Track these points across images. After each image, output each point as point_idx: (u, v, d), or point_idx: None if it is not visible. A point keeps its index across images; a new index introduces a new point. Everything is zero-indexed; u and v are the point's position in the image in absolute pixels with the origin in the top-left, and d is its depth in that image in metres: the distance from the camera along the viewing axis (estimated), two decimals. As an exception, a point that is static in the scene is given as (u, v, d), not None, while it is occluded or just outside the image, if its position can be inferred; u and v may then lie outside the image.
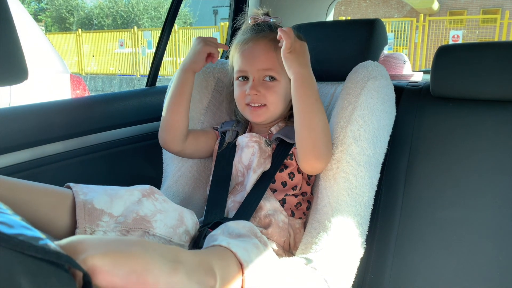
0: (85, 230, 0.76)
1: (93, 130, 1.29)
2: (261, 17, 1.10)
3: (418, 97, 1.22)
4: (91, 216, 0.77)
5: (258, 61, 1.03)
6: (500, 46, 1.12)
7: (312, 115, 0.94)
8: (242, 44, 1.06)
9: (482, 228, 1.03)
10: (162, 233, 0.84)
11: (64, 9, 16.83)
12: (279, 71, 1.03)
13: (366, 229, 0.99)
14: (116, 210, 0.80)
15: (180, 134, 1.11)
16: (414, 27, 10.00)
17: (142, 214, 0.82)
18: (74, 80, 2.82)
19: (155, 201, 0.86)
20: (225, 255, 0.64)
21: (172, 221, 0.87)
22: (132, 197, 0.83)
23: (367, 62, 1.06)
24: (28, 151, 1.12)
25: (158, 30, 10.33)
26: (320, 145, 0.94)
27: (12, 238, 0.32)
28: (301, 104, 0.95)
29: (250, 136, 1.09)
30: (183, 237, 0.90)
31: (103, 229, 0.77)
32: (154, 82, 1.59)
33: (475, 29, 11.26)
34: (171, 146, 1.12)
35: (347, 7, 14.13)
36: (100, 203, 0.78)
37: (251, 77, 1.04)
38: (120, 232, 0.79)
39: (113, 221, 0.79)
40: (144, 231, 0.82)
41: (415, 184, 1.13)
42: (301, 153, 0.97)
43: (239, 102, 1.09)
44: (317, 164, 0.96)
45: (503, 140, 1.07)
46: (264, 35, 1.05)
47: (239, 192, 1.06)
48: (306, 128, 0.94)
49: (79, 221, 0.76)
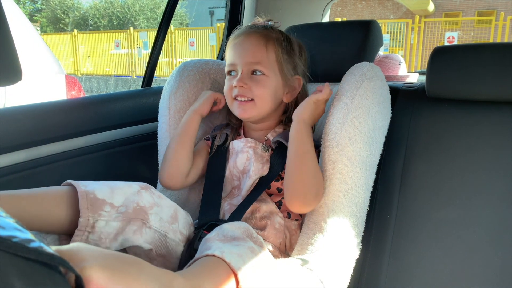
0: (88, 219, 0.77)
1: (89, 131, 1.28)
2: (261, 22, 1.12)
3: (414, 98, 1.23)
4: (93, 205, 0.78)
5: (247, 54, 1.03)
6: (495, 47, 1.12)
7: (304, 160, 0.94)
8: (234, 38, 1.07)
9: (478, 228, 1.04)
10: (157, 227, 0.85)
11: (59, 10, 16.77)
12: (268, 66, 1.03)
13: (362, 230, 0.99)
14: (117, 200, 0.81)
15: (183, 173, 1.08)
16: (410, 29, 10.04)
17: (142, 204, 0.83)
18: (69, 81, 2.80)
19: (152, 195, 0.87)
20: (218, 270, 0.64)
21: (167, 216, 0.88)
22: (131, 189, 0.84)
23: (362, 63, 1.07)
24: (23, 152, 1.12)
25: (154, 31, 10.32)
26: (308, 190, 0.93)
27: (5, 240, 0.32)
28: (296, 148, 0.96)
29: (245, 141, 1.09)
30: (178, 235, 0.90)
31: (105, 219, 0.78)
32: (150, 83, 1.58)
33: (470, 30, 11.31)
34: (173, 184, 1.09)
35: (343, 8, 14.16)
36: (101, 194, 0.80)
37: (239, 70, 1.04)
38: (122, 221, 0.80)
39: (114, 211, 0.80)
40: (142, 222, 0.83)
41: (411, 185, 1.13)
42: (288, 196, 0.95)
43: (227, 96, 1.08)
44: (303, 209, 0.96)
45: (498, 140, 1.08)
46: (256, 30, 1.06)
47: (236, 196, 1.06)
48: (298, 172, 0.94)
49: (82, 210, 0.77)
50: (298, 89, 1.10)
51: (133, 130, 1.42)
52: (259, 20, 1.13)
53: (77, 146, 1.25)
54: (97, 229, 0.78)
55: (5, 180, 1.05)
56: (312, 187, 0.93)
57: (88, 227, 0.78)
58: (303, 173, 0.93)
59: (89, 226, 0.78)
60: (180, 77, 1.24)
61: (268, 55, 1.03)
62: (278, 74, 1.04)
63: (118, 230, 0.80)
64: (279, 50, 1.04)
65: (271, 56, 1.03)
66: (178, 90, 1.22)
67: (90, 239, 0.78)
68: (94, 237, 0.78)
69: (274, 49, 1.04)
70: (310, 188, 0.92)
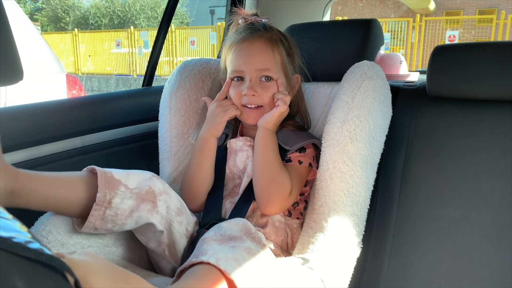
0: (106, 195, 0.83)
1: (89, 130, 1.28)
2: (251, 17, 1.08)
3: (414, 97, 1.23)
4: (110, 183, 0.84)
5: (255, 61, 1.01)
6: (496, 46, 1.12)
7: (268, 165, 0.97)
8: (238, 43, 1.03)
9: (478, 227, 1.04)
10: (164, 214, 0.90)
11: (60, 9, 16.76)
12: (276, 71, 1.02)
13: (362, 229, 0.99)
14: (131, 183, 0.87)
15: (204, 195, 1.08)
16: (411, 27, 10.02)
17: (153, 188, 0.89)
18: (70, 80, 2.80)
19: (163, 183, 0.93)
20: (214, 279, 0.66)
21: (174, 207, 0.93)
22: (144, 175, 0.91)
23: (363, 62, 1.07)
24: (23, 152, 1.12)
25: (154, 30, 10.32)
26: (272, 192, 0.95)
27: (5, 240, 0.32)
28: (261, 154, 0.99)
29: (244, 140, 1.08)
30: (182, 228, 0.94)
31: (121, 197, 0.85)
32: (151, 82, 1.58)
33: (471, 29, 11.30)
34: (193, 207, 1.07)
35: (344, 7, 14.15)
36: (118, 175, 0.86)
37: (247, 77, 1.02)
38: (136, 200, 0.86)
39: (128, 192, 0.86)
40: (153, 205, 0.88)
41: (412, 184, 1.13)
42: (256, 198, 0.99)
43: (235, 103, 1.05)
44: (270, 210, 0.98)
45: (499, 139, 1.08)
46: (260, 34, 1.03)
47: (237, 195, 1.06)
48: (261, 176, 0.98)
49: (100, 186, 0.83)
50: (297, 86, 1.10)
51: (133, 129, 1.42)
52: (248, 14, 1.09)
53: (78, 145, 1.25)
54: (114, 205, 0.84)
55: (6, 180, 1.05)
56: (275, 190, 0.95)
57: (105, 202, 0.83)
58: (265, 177, 0.97)
59: (106, 202, 0.83)
60: (180, 76, 1.24)
61: (275, 59, 1.02)
62: (283, 77, 1.04)
63: (132, 208, 0.86)
64: (283, 52, 1.04)
65: (277, 60, 1.02)
66: (179, 89, 1.22)
67: (107, 214, 0.84)
68: (111, 213, 0.84)
69: (279, 52, 1.03)
70: (273, 190, 0.95)
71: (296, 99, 1.10)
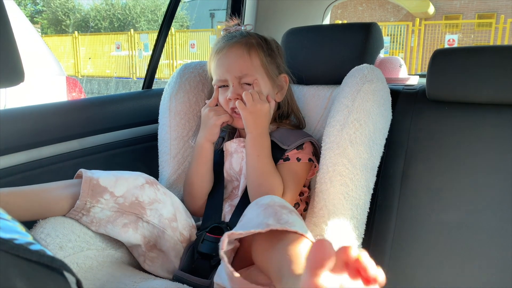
0: (86, 203, 0.85)
1: (89, 133, 1.28)
2: (232, 28, 1.11)
3: (414, 101, 1.23)
4: (94, 191, 0.85)
5: (233, 68, 1.03)
6: (495, 50, 1.12)
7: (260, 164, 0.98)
8: (216, 53, 1.06)
9: (478, 230, 1.04)
10: (156, 222, 0.91)
11: (60, 12, 16.79)
12: (255, 74, 1.03)
13: (362, 232, 0.99)
14: (119, 190, 0.88)
15: (204, 199, 1.10)
16: (410, 31, 10.04)
17: (140, 199, 0.90)
18: (70, 83, 2.80)
19: (157, 191, 0.94)
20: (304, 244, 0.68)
21: (168, 214, 0.94)
22: (136, 181, 0.91)
23: (363, 66, 1.07)
24: (24, 153, 1.12)
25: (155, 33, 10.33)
26: (262, 191, 0.95)
27: (7, 241, 0.32)
28: (250, 160, 0.99)
29: (238, 141, 1.09)
30: (177, 234, 0.94)
31: (102, 206, 0.86)
32: (151, 85, 1.58)
33: (470, 33, 11.32)
34: (195, 209, 1.10)
35: (344, 10, 14.18)
36: (105, 182, 0.87)
37: (230, 83, 1.04)
38: (116, 213, 0.87)
39: (112, 201, 0.87)
40: (137, 217, 0.90)
41: (411, 187, 1.13)
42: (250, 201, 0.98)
43: (225, 109, 1.07)
44: None
45: (498, 143, 1.08)
46: (236, 41, 1.05)
47: (236, 197, 1.06)
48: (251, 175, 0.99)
49: (82, 193, 0.84)
50: (286, 86, 1.10)
51: (133, 132, 1.42)
52: (229, 25, 1.13)
53: (78, 148, 1.25)
54: (91, 214, 0.86)
55: (6, 182, 1.05)
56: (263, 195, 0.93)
57: (84, 210, 0.86)
58: (254, 182, 0.98)
59: (85, 210, 0.86)
60: (180, 79, 1.25)
61: (253, 62, 1.03)
62: (265, 78, 1.05)
63: (109, 219, 0.88)
64: (262, 55, 1.05)
65: (256, 63, 1.03)
66: (179, 92, 1.23)
67: (83, 221, 0.87)
68: (86, 220, 0.87)
69: (258, 55, 1.04)
70: (262, 189, 0.96)
71: (287, 98, 1.11)
